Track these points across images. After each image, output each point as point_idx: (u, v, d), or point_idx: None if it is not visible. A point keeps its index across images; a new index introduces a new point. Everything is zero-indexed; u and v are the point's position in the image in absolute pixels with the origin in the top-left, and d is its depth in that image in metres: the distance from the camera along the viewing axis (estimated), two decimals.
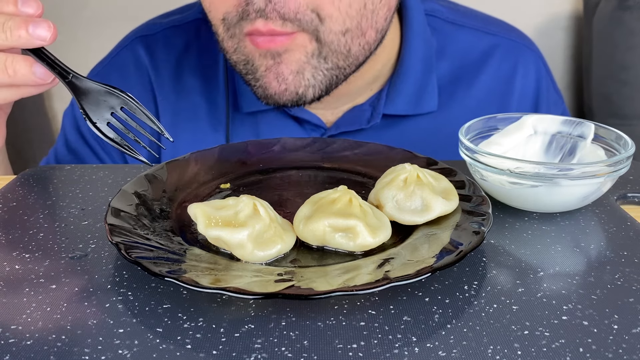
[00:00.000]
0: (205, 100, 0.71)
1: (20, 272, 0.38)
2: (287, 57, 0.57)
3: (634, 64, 1.17)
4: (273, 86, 0.58)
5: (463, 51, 0.73)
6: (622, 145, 0.46)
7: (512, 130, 0.50)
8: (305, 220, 0.39)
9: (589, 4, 1.24)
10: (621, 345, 0.31)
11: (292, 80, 0.58)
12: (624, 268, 0.38)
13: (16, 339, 0.32)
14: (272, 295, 0.32)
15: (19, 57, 0.47)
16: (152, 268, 0.34)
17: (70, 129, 0.75)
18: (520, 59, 0.74)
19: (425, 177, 0.43)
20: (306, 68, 0.58)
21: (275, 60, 0.57)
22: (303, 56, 0.57)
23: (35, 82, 0.48)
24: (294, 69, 0.58)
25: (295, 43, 0.56)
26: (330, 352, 0.31)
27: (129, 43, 0.75)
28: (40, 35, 0.46)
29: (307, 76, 0.58)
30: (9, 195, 0.50)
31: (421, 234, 0.40)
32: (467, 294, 0.35)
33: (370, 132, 0.68)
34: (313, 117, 0.68)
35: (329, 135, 0.69)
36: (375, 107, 0.68)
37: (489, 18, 0.78)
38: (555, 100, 0.77)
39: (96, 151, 0.74)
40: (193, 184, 0.48)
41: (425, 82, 0.69)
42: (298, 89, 0.59)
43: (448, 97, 0.70)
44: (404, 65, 0.68)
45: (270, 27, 0.55)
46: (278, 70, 0.58)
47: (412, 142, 0.67)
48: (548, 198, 0.44)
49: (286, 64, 0.57)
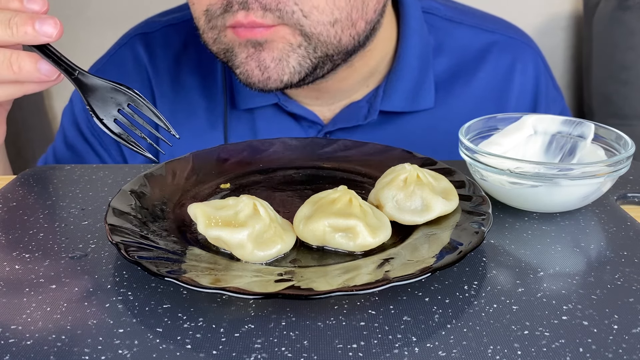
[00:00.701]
0: (204, 98, 0.71)
1: (20, 272, 0.38)
2: (269, 46, 0.57)
3: (634, 64, 1.17)
4: (255, 74, 0.58)
5: (461, 48, 0.72)
6: (622, 145, 0.46)
7: (512, 130, 0.50)
8: (305, 220, 0.39)
9: (589, 4, 1.24)
10: (621, 345, 0.31)
11: (274, 67, 0.57)
12: (624, 268, 0.38)
13: (16, 339, 0.32)
14: (272, 295, 0.32)
15: (24, 54, 0.47)
16: (152, 268, 0.34)
17: (69, 126, 0.75)
18: (518, 55, 0.73)
19: (425, 177, 0.43)
20: (291, 56, 0.57)
21: (257, 49, 0.57)
22: (287, 45, 0.57)
23: (40, 79, 0.47)
24: (276, 56, 0.57)
25: (277, 35, 0.56)
26: (330, 352, 0.31)
27: (127, 40, 0.75)
28: (47, 32, 0.46)
29: (293, 63, 0.58)
30: (9, 195, 0.50)
31: (421, 234, 0.40)
32: (467, 294, 0.35)
33: (367, 129, 0.68)
34: (310, 114, 0.68)
35: (325, 131, 0.69)
36: (372, 103, 0.68)
37: (486, 15, 0.78)
38: (555, 97, 0.77)
39: (95, 148, 0.74)
40: (193, 184, 0.48)
41: (422, 79, 0.69)
42: (282, 76, 0.58)
43: (446, 94, 0.70)
44: (400, 62, 0.68)
45: (252, 19, 0.55)
46: (260, 58, 0.57)
47: (409, 139, 0.67)
48: (548, 198, 0.44)
49: (267, 51, 0.57)
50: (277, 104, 0.68)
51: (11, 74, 0.47)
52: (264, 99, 0.68)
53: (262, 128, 0.69)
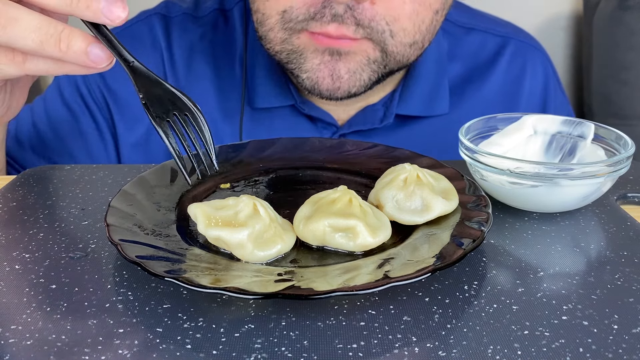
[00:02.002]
0: (217, 90, 0.70)
1: (20, 272, 0.38)
2: (347, 57, 0.57)
3: (634, 64, 1.17)
4: (326, 82, 0.58)
5: (473, 53, 0.73)
6: (622, 145, 0.46)
7: (512, 130, 0.50)
8: (305, 220, 0.39)
9: (589, 4, 1.24)
10: (621, 345, 0.31)
11: (347, 79, 0.58)
12: (624, 268, 0.38)
13: (16, 339, 0.32)
14: (272, 295, 0.32)
15: (77, 32, 0.41)
16: (152, 268, 0.34)
17: (66, 86, 0.72)
18: (529, 59, 0.74)
19: (425, 177, 0.43)
20: (365, 70, 0.58)
21: (333, 57, 0.57)
22: (364, 59, 0.58)
23: (86, 63, 0.41)
24: (352, 67, 0.58)
25: (360, 47, 0.57)
26: (330, 352, 0.31)
27: (146, 17, 0.74)
28: (113, 14, 0.40)
29: (364, 77, 0.59)
30: (9, 195, 0.50)
31: (421, 234, 0.40)
32: (467, 294, 0.35)
33: (383, 132, 0.69)
34: (326, 116, 0.68)
35: (341, 133, 0.69)
36: (388, 107, 0.68)
37: (496, 19, 0.79)
38: (562, 101, 0.77)
39: (92, 112, 0.72)
40: (193, 184, 0.48)
41: (438, 84, 0.70)
42: (352, 88, 0.59)
43: (459, 99, 0.71)
44: (417, 67, 0.69)
45: (343, 32, 0.55)
46: (335, 67, 0.57)
47: (423, 143, 0.68)
48: (548, 198, 0.44)
49: (344, 62, 0.57)
50: (294, 105, 0.68)
51: (57, 51, 0.41)
52: (281, 99, 0.68)
53: (277, 127, 0.69)
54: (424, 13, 0.57)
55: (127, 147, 0.71)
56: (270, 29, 0.59)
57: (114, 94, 0.71)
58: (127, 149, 0.71)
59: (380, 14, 0.54)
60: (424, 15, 0.57)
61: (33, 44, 0.40)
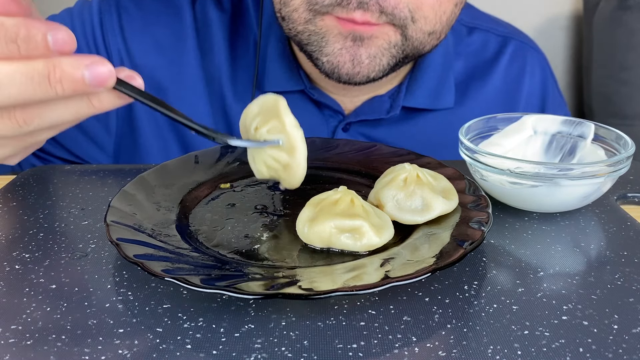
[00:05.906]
0: (230, 67, 0.70)
1: (20, 272, 0.38)
2: (369, 42, 0.58)
3: (634, 64, 1.17)
4: (347, 67, 0.59)
5: (476, 51, 0.75)
6: (622, 145, 0.46)
7: (512, 130, 0.50)
8: (309, 222, 0.39)
9: (589, 4, 1.24)
10: (621, 345, 0.31)
11: (368, 64, 0.59)
12: (624, 268, 0.38)
13: (16, 339, 0.32)
14: (272, 295, 0.32)
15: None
16: (152, 268, 0.34)
17: (78, 18, 0.69)
18: (528, 60, 0.76)
19: (425, 176, 0.43)
20: (385, 54, 0.59)
21: (355, 43, 0.58)
22: (385, 43, 0.58)
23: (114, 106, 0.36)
24: (372, 52, 0.58)
25: (381, 31, 0.57)
26: (330, 352, 0.31)
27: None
28: (100, 78, 0.33)
29: (384, 62, 0.59)
30: (9, 195, 0.50)
31: (421, 234, 0.40)
32: (467, 294, 0.35)
33: (388, 123, 0.69)
34: (334, 103, 0.69)
35: (347, 122, 0.69)
36: (395, 99, 0.69)
37: (497, 20, 0.80)
38: (559, 102, 0.79)
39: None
40: (193, 184, 0.48)
41: (444, 77, 0.71)
42: (371, 73, 0.60)
43: (462, 96, 0.72)
44: (425, 60, 0.69)
45: (367, 18, 0.56)
46: (357, 52, 0.58)
47: (428, 136, 0.69)
48: (548, 198, 0.44)
49: (366, 47, 0.58)
50: (304, 91, 0.69)
51: (90, 109, 0.35)
52: (292, 84, 0.68)
53: None
54: (445, 4, 0.59)
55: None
56: (294, 9, 0.60)
57: None
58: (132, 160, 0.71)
59: (404, 1, 0.56)
60: (445, 7, 0.59)
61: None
